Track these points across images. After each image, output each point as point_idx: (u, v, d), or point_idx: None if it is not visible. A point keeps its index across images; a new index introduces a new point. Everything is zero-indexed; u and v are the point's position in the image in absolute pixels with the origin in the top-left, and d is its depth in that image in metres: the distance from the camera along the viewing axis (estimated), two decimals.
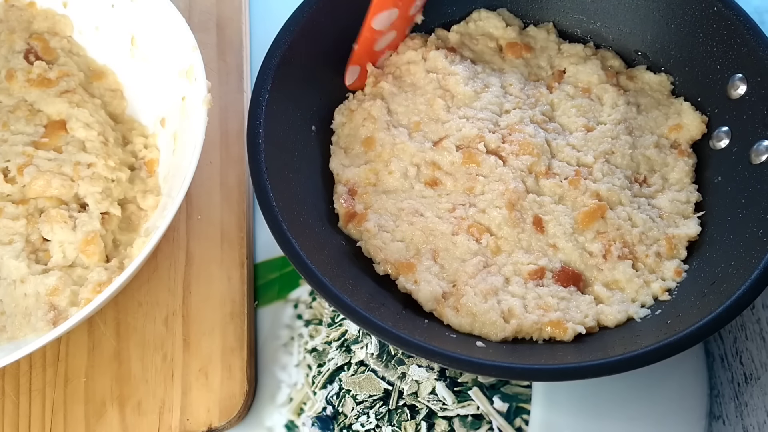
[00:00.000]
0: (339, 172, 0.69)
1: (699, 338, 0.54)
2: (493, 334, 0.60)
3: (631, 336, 0.59)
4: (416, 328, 0.59)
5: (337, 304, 0.56)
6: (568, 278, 0.63)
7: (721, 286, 0.58)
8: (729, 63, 0.66)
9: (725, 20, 0.66)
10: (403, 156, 0.68)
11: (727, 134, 0.67)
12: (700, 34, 0.69)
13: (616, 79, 0.73)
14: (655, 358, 0.54)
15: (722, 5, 0.66)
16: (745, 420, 0.63)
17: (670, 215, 0.66)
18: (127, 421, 0.64)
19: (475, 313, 0.60)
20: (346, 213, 0.66)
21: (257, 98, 0.64)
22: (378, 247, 0.64)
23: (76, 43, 0.75)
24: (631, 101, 0.72)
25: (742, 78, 0.65)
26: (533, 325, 0.60)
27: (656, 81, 0.73)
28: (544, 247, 0.64)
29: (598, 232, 0.65)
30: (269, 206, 0.60)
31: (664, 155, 0.69)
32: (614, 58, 0.75)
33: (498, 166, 0.67)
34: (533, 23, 0.77)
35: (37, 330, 0.61)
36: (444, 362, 0.55)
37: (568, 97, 0.72)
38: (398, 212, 0.66)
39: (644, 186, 0.68)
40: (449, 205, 0.66)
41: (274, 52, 0.66)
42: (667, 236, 0.65)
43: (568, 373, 0.55)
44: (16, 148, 0.68)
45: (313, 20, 0.68)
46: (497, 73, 0.74)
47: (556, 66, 0.75)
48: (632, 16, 0.73)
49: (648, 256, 0.64)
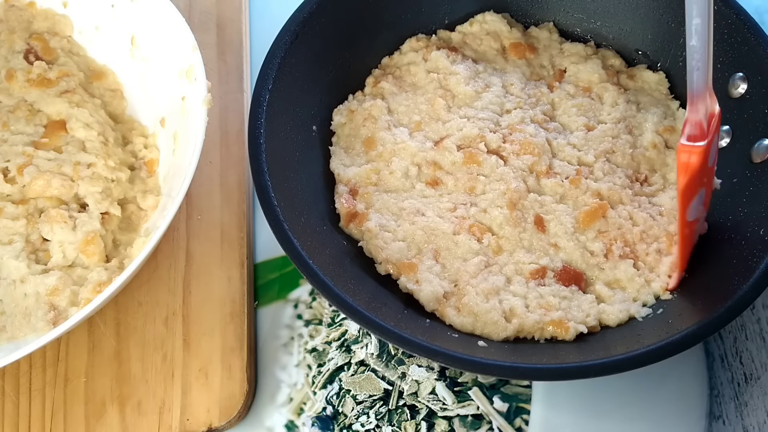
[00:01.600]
0: (340, 172, 0.69)
1: (701, 337, 0.54)
2: (495, 334, 0.60)
3: (632, 335, 0.59)
4: (418, 327, 0.59)
5: (338, 304, 0.56)
6: (570, 277, 0.63)
7: (723, 285, 0.58)
8: (729, 62, 0.66)
9: (726, 19, 0.66)
10: (404, 155, 0.68)
11: (728, 133, 0.67)
12: None
13: (617, 78, 0.74)
14: (657, 357, 0.54)
15: (723, 4, 0.66)
16: (745, 420, 0.63)
17: (671, 212, 0.66)
18: (127, 421, 0.64)
19: (477, 313, 0.60)
20: (347, 213, 0.66)
21: (258, 98, 0.64)
22: (379, 246, 0.64)
23: (76, 43, 0.75)
24: (631, 100, 0.72)
25: (742, 77, 0.65)
26: (535, 325, 0.60)
27: (655, 80, 0.73)
28: (545, 247, 0.65)
29: (600, 232, 0.65)
30: (271, 206, 0.59)
31: (664, 156, 0.70)
32: (614, 57, 0.75)
33: (499, 166, 0.67)
34: (534, 23, 0.77)
35: (37, 330, 0.61)
36: (446, 362, 0.55)
37: (569, 96, 0.72)
38: (399, 212, 0.66)
39: (645, 185, 0.68)
40: (450, 205, 0.66)
41: (274, 52, 0.66)
42: (668, 233, 0.65)
43: (570, 373, 0.55)
44: (16, 148, 0.68)
45: (314, 20, 0.68)
46: (499, 73, 0.74)
47: (557, 65, 0.75)
48: (632, 14, 0.73)
49: (648, 254, 0.64)
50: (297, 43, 0.67)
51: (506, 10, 0.77)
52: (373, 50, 0.75)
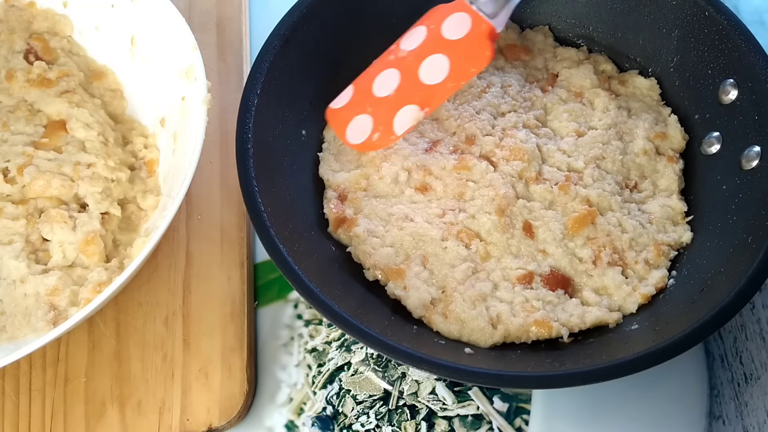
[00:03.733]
0: (329, 178, 0.68)
1: (688, 345, 0.54)
2: (482, 341, 0.60)
3: (619, 343, 0.59)
4: (405, 334, 0.59)
5: (323, 311, 0.56)
6: (557, 282, 0.63)
7: (710, 293, 0.58)
8: (720, 68, 0.66)
9: (717, 25, 0.66)
10: (395, 160, 0.68)
11: (718, 139, 0.66)
12: (692, 38, 0.68)
13: (608, 84, 0.73)
14: (643, 366, 0.53)
15: (714, 10, 0.66)
16: (745, 420, 0.63)
17: (660, 220, 0.66)
18: (127, 421, 0.63)
19: (464, 320, 0.60)
20: (336, 218, 0.66)
21: (246, 103, 0.63)
22: (367, 252, 0.64)
23: (76, 43, 0.75)
24: (622, 105, 0.72)
25: (733, 83, 0.65)
26: (520, 328, 0.60)
27: (646, 86, 0.73)
28: (533, 253, 0.64)
29: (588, 238, 0.64)
30: (257, 212, 0.59)
31: (654, 162, 0.69)
32: (606, 63, 0.75)
33: (489, 172, 0.67)
34: (528, 26, 0.77)
35: (37, 330, 0.61)
36: (431, 369, 0.54)
37: (561, 101, 0.72)
38: (388, 217, 0.66)
39: (634, 192, 0.68)
40: (439, 210, 0.66)
41: (263, 56, 0.66)
42: (655, 242, 0.64)
43: (554, 381, 0.55)
44: (16, 148, 0.68)
45: (303, 24, 0.68)
46: (499, 73, 0.74)
47: (550, 69, 0.75)
48: (624, 20, 0.73)
49: (637, 262, 0.64)
50: (287, 47, 0.67)
51: None
52: (366, 53, 0.73)
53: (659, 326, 0.59)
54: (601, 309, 0.61)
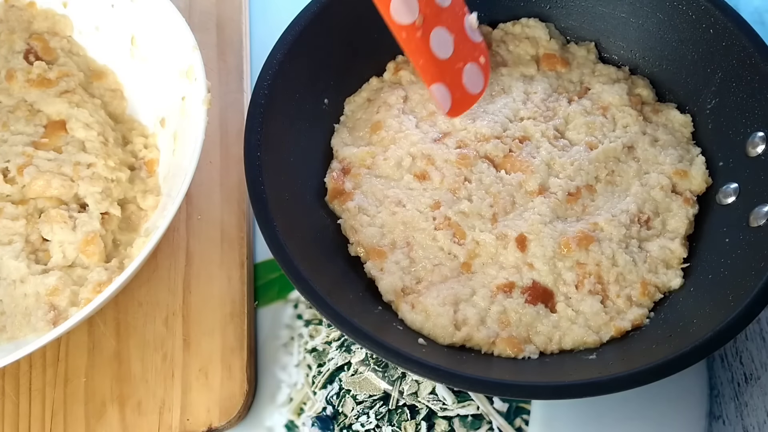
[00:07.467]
0: (338, 149, 0.70)
1: (651, 380, 0.54)
2: (441, 338, 0.60)
3: (580, 365, 0.59)
4: (368, 313, 0.60)
5: (286, 269, 0.57)
6: (539, 295, 0.62)
7: (674, 341, 0.57)
8: (754, 118, 0.64)
9: (759, 74, 0.64)
10: (403, 144, 0.69)
11: (735, 191, 0.65)
12: (733, 83, 0.66)
13: (641, 107, 0.72)
14: (589, 393, 0.54)
15: (761, 58, 0.64)
16: (745, 420, 0.63)
17: (655, 260, 0.64)
18: (127, 421, 0.64)
19: (429, 314, 0.61)
20: (334, 188, 0.67)
21: (272, 60, 0.66)
22: (355, 228, 0.65)
23: (76, 43, 0.75)
24: (648, 132, 0.70)
25: (762, 137, 0.63)
26: (485, 339, 0.60)
27: (680, 121, 0.71)
28: (519, 264, 0.63)
29: (578, 263, 0.63)
30: (252, 162, 0.61)
31: (669, 200, 0.67)
32: (645, 88, 0.73)
33: (490, 175, 0.67)
34: (574, 40, 0.77)
35: (37, 330, 0.61)
36: (387, 357, 0.55)
37: (585, 112, 0.71)
38: (383, 199, 0.67)
39: (643, 229, 0.66)
40: (431, 201, 0.66)
41: (300, 18, 0.67)
42: (643, 281, 0.63)
43: (515, 390, 0.55)
44: (16, 148, 0.68)
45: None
46: (525, 80, 0.74)
47: (585, 83, 0.74)
48: (672, 53, 0.72)
49: (619, 296, 0.62)
50: (329, 10, 0.68)
51: (552, 21, 0.77)
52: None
53: (625, 357, 0.58)
54: (581, 328, 0.61)
